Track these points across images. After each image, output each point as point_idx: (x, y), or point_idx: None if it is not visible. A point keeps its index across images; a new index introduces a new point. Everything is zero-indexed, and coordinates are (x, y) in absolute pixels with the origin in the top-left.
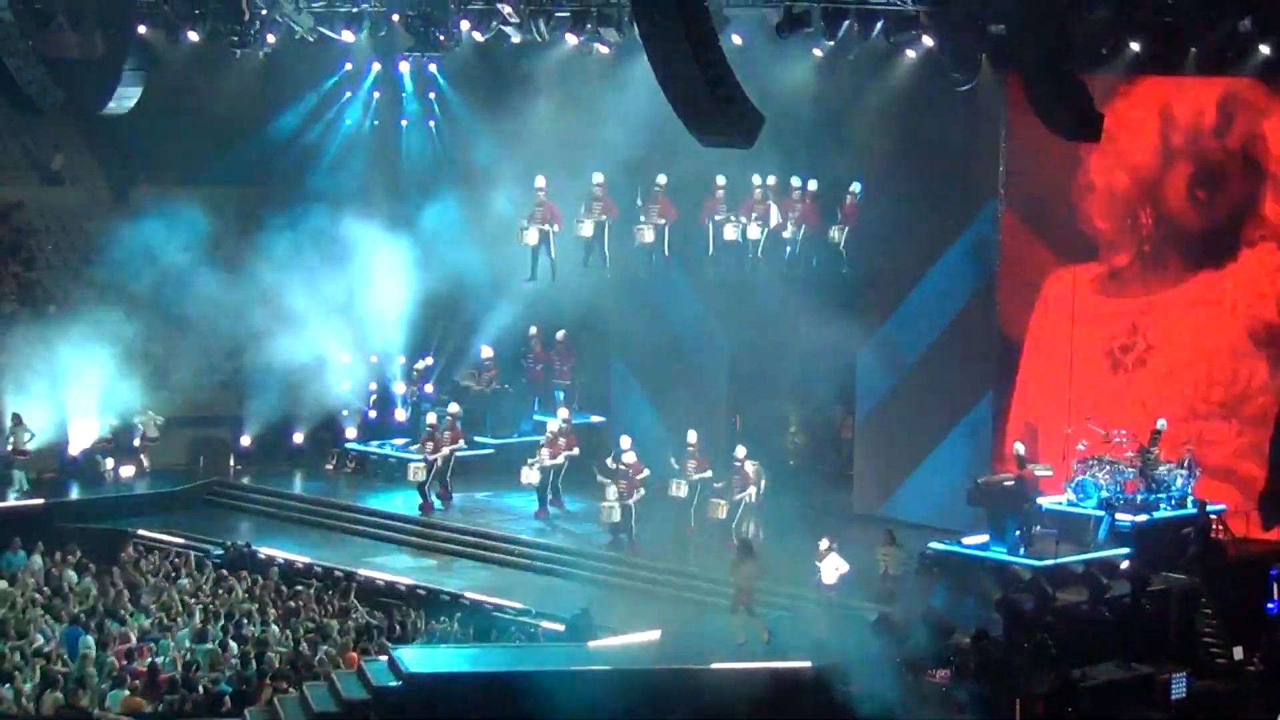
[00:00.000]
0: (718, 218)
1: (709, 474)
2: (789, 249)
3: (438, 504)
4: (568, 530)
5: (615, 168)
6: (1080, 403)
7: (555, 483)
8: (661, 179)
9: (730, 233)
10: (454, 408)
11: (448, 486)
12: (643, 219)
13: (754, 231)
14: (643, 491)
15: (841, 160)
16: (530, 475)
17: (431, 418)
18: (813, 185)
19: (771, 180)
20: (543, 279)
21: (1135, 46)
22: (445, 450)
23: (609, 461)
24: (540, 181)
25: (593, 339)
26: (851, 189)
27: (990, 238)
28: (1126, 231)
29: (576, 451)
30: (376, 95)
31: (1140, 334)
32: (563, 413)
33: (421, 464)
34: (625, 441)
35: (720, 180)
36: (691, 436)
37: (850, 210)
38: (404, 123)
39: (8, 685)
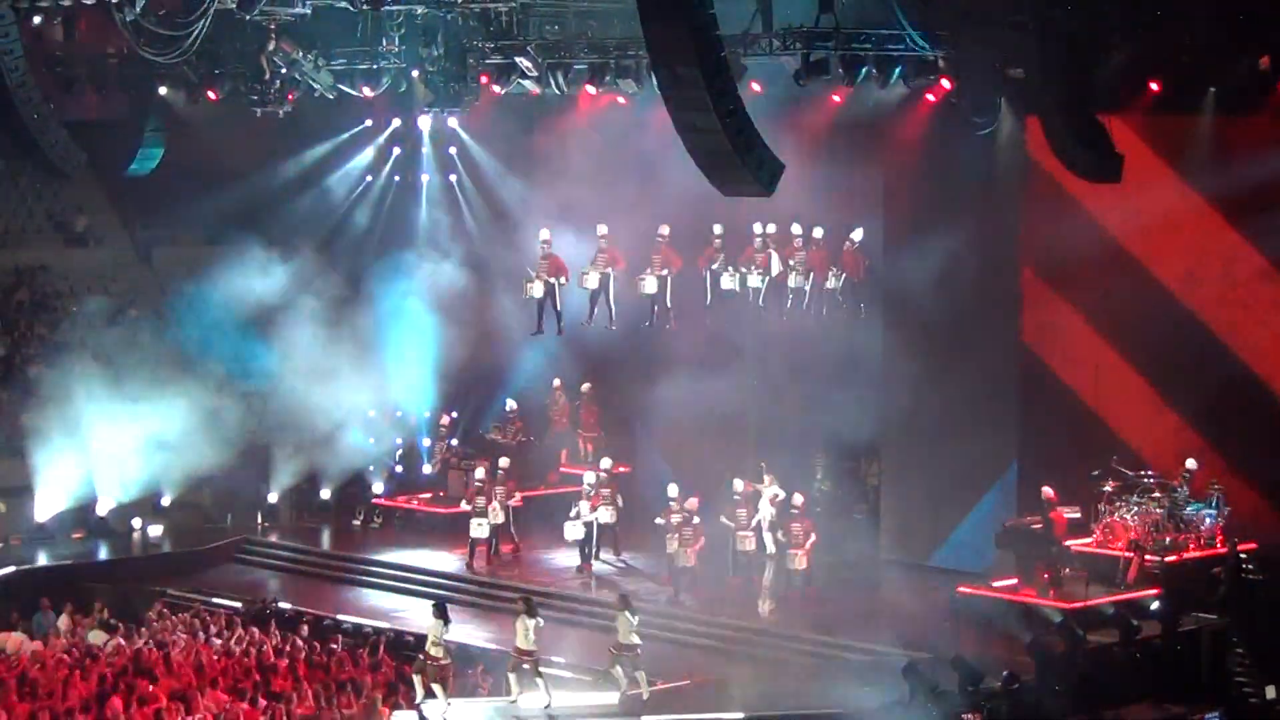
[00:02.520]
0: (714, 267)
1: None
2: (790, 298)
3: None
4: (604, 581)
5: (640, 219)
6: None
7: (612, 533)
8: (664, 229)
9: (727, 282)
10: (504, 461)
11: (514, 539)
12: (646, 269)
13: (754, 280)
14: (702, 540)
15: (859, 206)
16: (574, 531)
17: (480, 472)
18: (818, 233)
19: (772, 229)
20: (552, 331)
21: (1154, 87)
22: (495, 504)
23: (664, 517)
24: (545, 234)
25: (618, 389)
26: (851, 236)
27: (1013, 279)
28: None
29: (620, 502)
30: (397, 151)
31: None
32: (605, 463)
33: (484, 521)
34: (673, 489)
35: (717, 229)
36: (738, 485)
37: (848, 257)
38: (425, 177)
39: None
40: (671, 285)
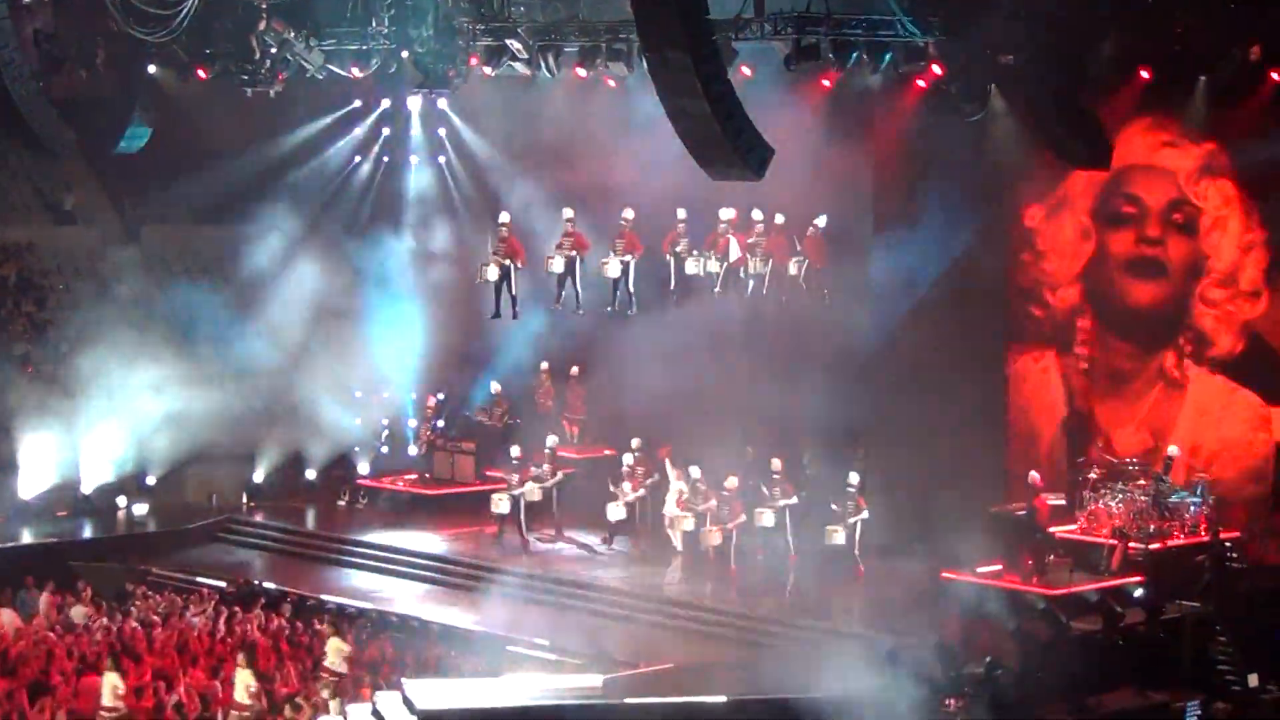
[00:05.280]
0: (679, 250)
1: (794, 500)
2: (750, 284)
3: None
4: (588, 563)
5: (627, 201)
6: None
7: (643, 512)
8: (628, 213)
9: (691, 267)
10: (552, 440)
11: (556, 519)
12: (608, 254)
13: (712, 266)
14: (742, 518)
15: (848, 192)
16: (616, 512)
17: (516, 450)
18: (779, 219)
19: (732, 214)
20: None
21: (1145, 75)
22: (531, 485)
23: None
24: (504, 217)
25: (605, 372)
26: (815, 222)
27: (1003, 265)
28: None
29: (657, 478)
30: (385, 131)
31: None
32: (635, 442)
33: (505, 498)
34: (695, 471)
35: (681, 214)
36: (776, 464)
37: (811, 243)
38: (413, 158)
39: None
40: (635, 270)
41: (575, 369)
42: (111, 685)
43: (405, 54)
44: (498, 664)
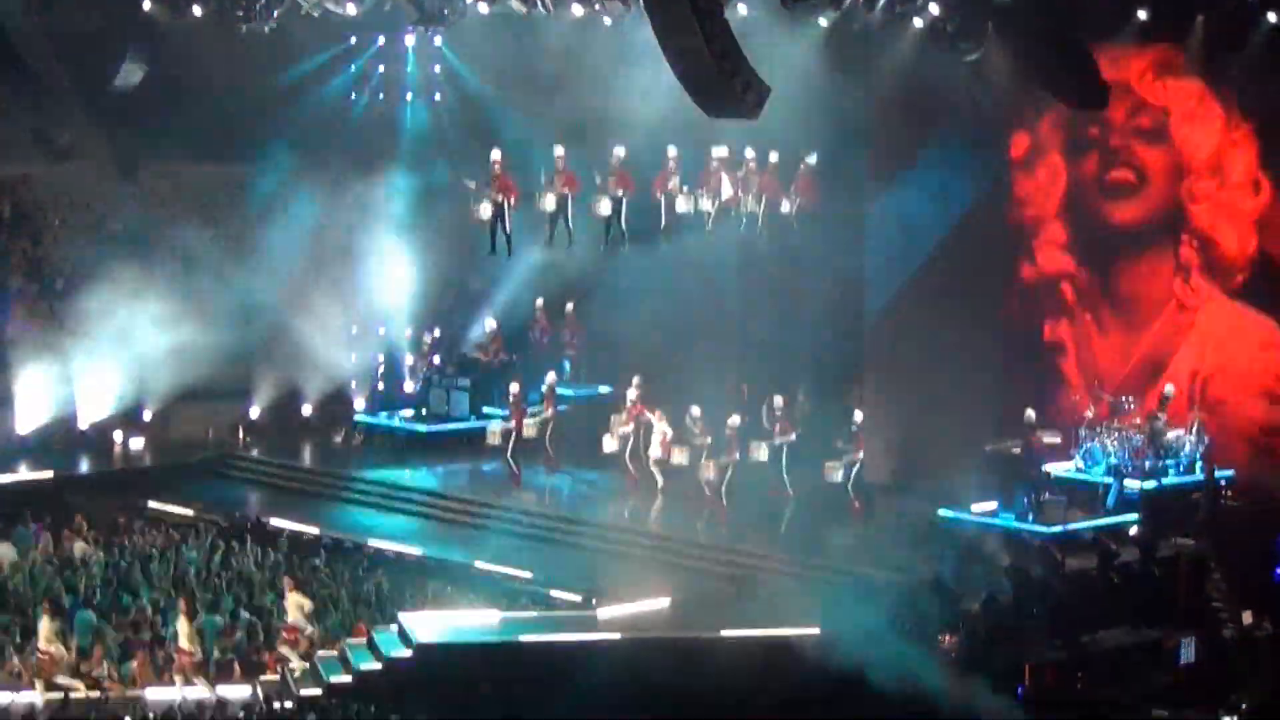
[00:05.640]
0: (669, 189)
1: (793, 437)
2: (743, 222)
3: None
4: (583, 499)
5: (628, 139)
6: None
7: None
8: (620, 150)
9: (683, 205)
10: (550, 376)
11: (550, 454)
12: (599, 191)
13: (704, 204)
14: (736, 456)
15: (846, 132)
16: (609, 444)
17: (514, 388)
18: (774, 157)
19: (725, 152)
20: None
21: (1142, 14)
22: (527, 421)
23: (694, 430)
24: (496, 155)
25: (601, 310)
26: (807, 160)
27: (1002, 206)
28: None
29: (652, 418)
30: (381, 69)
31: None
32: (636, 379)
33: (498, 430)
34: (696, 411)
35: (672, 151)
36: (777, 400)
37: (804, 182)
38: (409, 96)
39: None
40: (627, 207)
41: (569, 305)
42: (45, 631)
43: None
44: (493, 598)
